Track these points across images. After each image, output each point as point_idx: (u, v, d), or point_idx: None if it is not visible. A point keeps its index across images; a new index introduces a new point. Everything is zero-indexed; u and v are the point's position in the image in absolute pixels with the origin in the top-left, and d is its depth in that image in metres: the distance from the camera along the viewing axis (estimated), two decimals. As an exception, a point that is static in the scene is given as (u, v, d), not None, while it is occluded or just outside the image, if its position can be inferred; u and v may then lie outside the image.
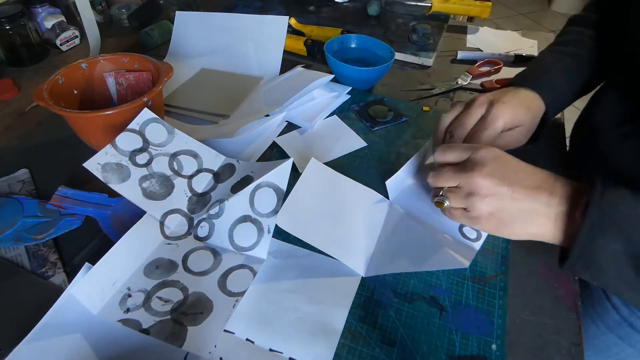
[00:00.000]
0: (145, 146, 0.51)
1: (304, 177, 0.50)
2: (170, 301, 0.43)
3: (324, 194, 0.51)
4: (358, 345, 0.41)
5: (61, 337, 0.39)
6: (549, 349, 0.41)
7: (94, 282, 0.42)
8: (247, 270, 0.46)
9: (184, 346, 0.39)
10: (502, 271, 0.48)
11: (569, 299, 0.46)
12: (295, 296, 0.44)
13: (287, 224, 0.46)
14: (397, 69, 0.83)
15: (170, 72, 0.59)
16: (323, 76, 0.69)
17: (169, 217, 0.50)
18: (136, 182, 0.49)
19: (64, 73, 0.59)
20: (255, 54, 0.80)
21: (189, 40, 0.83)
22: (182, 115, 0.69)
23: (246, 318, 0.42)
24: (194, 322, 0.41)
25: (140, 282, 0.44)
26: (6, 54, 0.80)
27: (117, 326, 0.41)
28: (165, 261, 0.47)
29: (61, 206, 0.51)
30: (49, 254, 0.48)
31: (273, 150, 0.63)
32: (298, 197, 0.48)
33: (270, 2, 1.07)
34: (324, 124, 0.68)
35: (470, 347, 0.41)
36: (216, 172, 0.55)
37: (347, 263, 0.46)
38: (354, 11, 1.04)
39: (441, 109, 0.72)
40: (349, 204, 0.52)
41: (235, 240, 0.48)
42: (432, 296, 0.45)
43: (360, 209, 0.52)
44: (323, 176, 0.52)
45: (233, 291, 0.44)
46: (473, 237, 0.49)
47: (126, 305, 0.42)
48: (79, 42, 0.88)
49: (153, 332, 0.40)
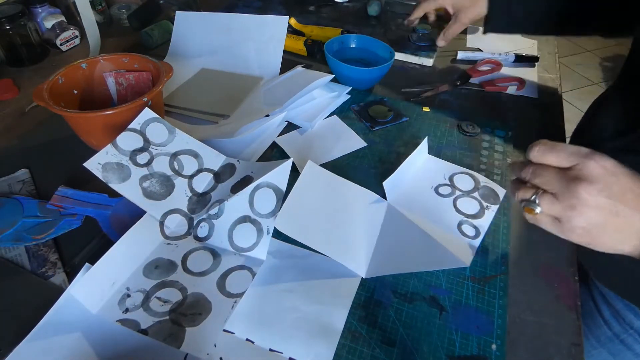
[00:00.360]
0: (146, 146, 0.51)
1: (301, 179, 0.50)
2: (169, 302, 0.43)
3: (321, 196, 0.51)
4: (358, 345, 0.41)
5: (61, 337, 0.39)
6: (549, 349, 0.42)
7: (93, 282, 0.42)
8: (246, 272, 0.46)
9: (182, 347, 0.39)
10: (502, 271, 0.48)
11: (569, 299, 0.46)
12: (295, 296, 0.44)
13: (286, 227, 0.46)
14: (397, 69, 0.83)
15: (170, 72, 0.59)
16: (323, 76, 0.69)
17: (169, 217, 0.50)
18: (136, 182, 0.49)
19: (64, 73, 0.59)
20: (256, 54, 0.80)
21: (189, 40, 0.84)
22: (182, 115, 0.69)
23: (246, 318, 0.42)
24: (192, 323, 0.41)
25: (139, 282, 0.44)
26: (6, 54, 0.80)
27: (116, 326, 0.41)
28: (164, 261, 0.47)
29: (61, 206, 0.51)
30: (49, 254, 0.48)
31: (273, 150, 0.63)
32: (296, 200, 0.48)
33: (270, 2, 1.07)
34: (324, 124, 0.68)
35: (470, 347, 0.41)
36: (217, 171, 0.55)
37: (347, 265, 0.46)
38: (354, 11, 1.04)
39: (441, 109, 0.72)
40: (347, 205, 0.52)
41: (235, 241, 0.48)
42: (432, 296, 0.45)
43: (358, 210, 0.52)
44: (320, 178, 0.52)
45: (232, 292, 0.44)
46: (472, 235, 0.49)
47: (125, 305, 0.42)
48: (79, 42, 0.88)
49: (151, 333, 0.40)
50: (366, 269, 0.47)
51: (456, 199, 0.55)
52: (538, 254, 0.50)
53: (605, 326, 0.58)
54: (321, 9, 1.04)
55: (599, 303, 0.59)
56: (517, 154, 0.63)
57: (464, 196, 0.55)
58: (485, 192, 0.56)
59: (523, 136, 0.67)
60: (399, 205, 0.53)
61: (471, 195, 0.55)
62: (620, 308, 0.57)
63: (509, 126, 0.68)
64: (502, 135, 0.67)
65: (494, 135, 0.67)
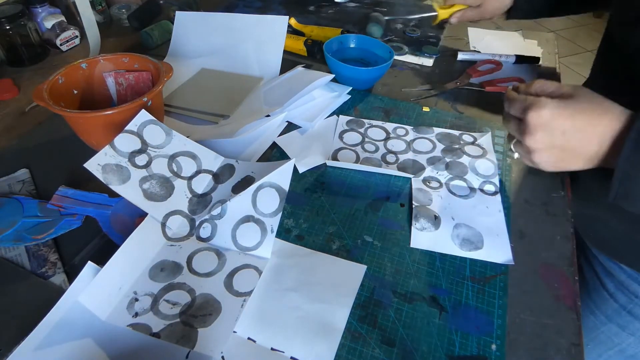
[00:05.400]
0: (144, 147, 0.51)
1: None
2: (178, 304, 0.43)
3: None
4: (358, 345, 0.41)
5: (71, 343, 0.39)
6: (549, 349, 0.42)
7: (99, 288, 0.42)
8: (252, 270, 0.46)
9: (195, 348, 0.39)
10: (502, 271, 0.48)
11: (569, 299, 0.46)
12: (297, 295, 0.44)
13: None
14: (397, 69, 0.83)
15: (170, 72, 0.59)
16: (323, 76, 0.69)
17: (170, 219, 0.50)
18: (137, 184, 0.49)
19: (64, 73, 0.59)
20: (255, 54, 0.80)
21: (189, 40, 0.83)
22: (182, 116, 0.69)
23: (248, 317, 0.42)
24: (203, 324, 0.41)
25: (146, 285, 0.44)
26: (6, 54, 0.80)
27: (127, 330, 0.41)
28: (169, 263, 0.47)
29: (61, 206, 0.51)
30: (49, 254, 0.48)
31: (273, 150, 0.63)
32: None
33: (270, 2, 1.07)
34: (324, 124, 0.68)
35: (470, 347, 0.41)
36: (215, 172, 0.55)
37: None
38: (353, 11, 1.04)
39: (441, 109, 0.72)
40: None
41: (239, 240, 0.48)
42: (432, 296, 0.45)
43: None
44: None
45: (240, 291, 0.44)
46: (492, 191, 0.56)
47: (134, 310, 0.42)
48: (79, 42, 0.88)
49: (164, 336, 0.40)
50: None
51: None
52: (538, 254, 0.50)
53: (611, 299, 0.59)
54: (321, 9, 1.04)
55: (602, 277, 0.60)
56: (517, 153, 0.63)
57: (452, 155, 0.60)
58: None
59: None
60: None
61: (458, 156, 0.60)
62: (624, 279, 0.57)
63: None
64: (502, 135, 0.67)
65: (494, 135, 0.67)
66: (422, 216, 0.53)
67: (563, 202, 0.56)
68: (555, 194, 0.57)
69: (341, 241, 0.51)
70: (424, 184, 0.57)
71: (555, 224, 0.53)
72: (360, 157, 0.62)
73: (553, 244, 0.51)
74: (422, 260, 0.49)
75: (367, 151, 0.63)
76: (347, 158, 0.61)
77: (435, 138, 0.65)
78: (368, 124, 0.68)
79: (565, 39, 2.97)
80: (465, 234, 0.51)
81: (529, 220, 0.54)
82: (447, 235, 0.51)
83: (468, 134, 0.65)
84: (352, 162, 0.60)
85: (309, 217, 0.53)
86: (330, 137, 0.65)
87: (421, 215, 0.53)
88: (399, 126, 0.68)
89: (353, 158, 0.61)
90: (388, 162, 0.61)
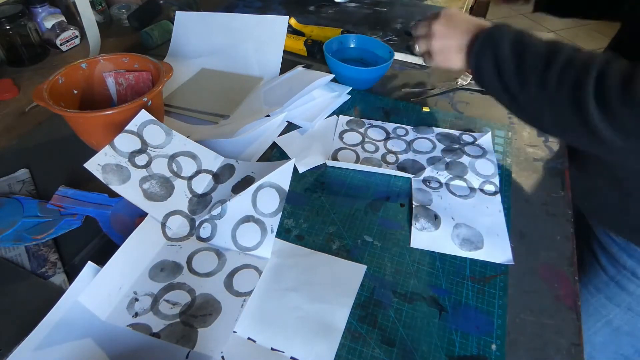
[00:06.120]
0: (144, 147, 0.51)
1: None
2: (178, 304, 0.43)
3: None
4: (358, 345, 0.41)
5: (71, 343, 0.39)
6: (549, 349, 0.42)
7: (99, 288, 0.42)
8: (252, 270, 0.46)
9: (195, 348, 0.39)
10: (502, 271, 0.48)
11: (569, 299, 0.46)
12: (297, 295, 0.44)
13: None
14: (397, 69, 0.83)
15: (170, 72, 0.59)
16: (323, 76, 0.69)
17: (170, 219, 0.50)
18: (137, 184, 0.49)
19: (64, 73, 0.59)
20: (255, 54, 0.80)
21: (189, 40, 0.83)
22: (182, 116, 0.69)
23: (248, 317, 0.42)
24: (203, 324, 0.41)
25: (146, 285, 0.44)
26: (6, 54, 0.80)
27: (127, 330, 0.41)
28: (169, 263, 0.47)
29: (61, 206, 0.51)
30: (49, 254, 0.48)
31: (273, 150, 0.63)
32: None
33: (270, 2, 1.07)
34: (324, 124, 0.68)
35: (470, 347, 0.41)
36: (215, 172, 0.55)
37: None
38: (353, 11, 1.04)
39: (441, 109, 0.72)
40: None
41: (239, 240, 0.48)
42: (432, 296, 0.45)
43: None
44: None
45: (240, 291, 0.44)
46: (492, 191, 0.56)
47: (134, 310, 0.42)
48: (79, 42, 0.88)
49: (164, 336, 0.40)
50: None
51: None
52: (538, 254, 0.50)
53: (601, 271, 0.61)
54: (321, 9, 1.04)
55: (597, 252, 0.62)
56: (518, 154, 0.63)
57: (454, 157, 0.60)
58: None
59: (523, 136, 0.67)
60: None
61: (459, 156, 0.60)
62: (616, 251, 0.59)
63: (509, 126, 0.69)
64: (502, 135, 0.67)
65: (494, 135, 0.67)
66: (422, 216, 0.53)
67: (563, 202, 0.56)
68: (555, 194, 0.57)
69: (341, 241, 0.51)
70: (424, 184, 0.57)
71: (555, 224, 0.53)
72: (360, 157, 0.62)
73: (553, 244, 0.51)
74: (422, 260, 0.49)
75: (367, 151, 0.63)
76: (347, 158, 0.61)
77: (435, 138, 0.65)
78: (368, 124, 0.68)
79: (565, 39, 2.97)
80: (465, 234, 0.51)
81: (529, 220, 0.54)
82: (447, 235, 0.51)
83: (468, 134, 0.65)
84: (352, 162, 0.60)
85: (309, 217, 0.53)
86: (330, 137, 0.65)
87: (421, 215, 0.53)
88: (399, 126, 0.68)
89: (353, 158, 0.61)
90: (388, 162, 0.61)
